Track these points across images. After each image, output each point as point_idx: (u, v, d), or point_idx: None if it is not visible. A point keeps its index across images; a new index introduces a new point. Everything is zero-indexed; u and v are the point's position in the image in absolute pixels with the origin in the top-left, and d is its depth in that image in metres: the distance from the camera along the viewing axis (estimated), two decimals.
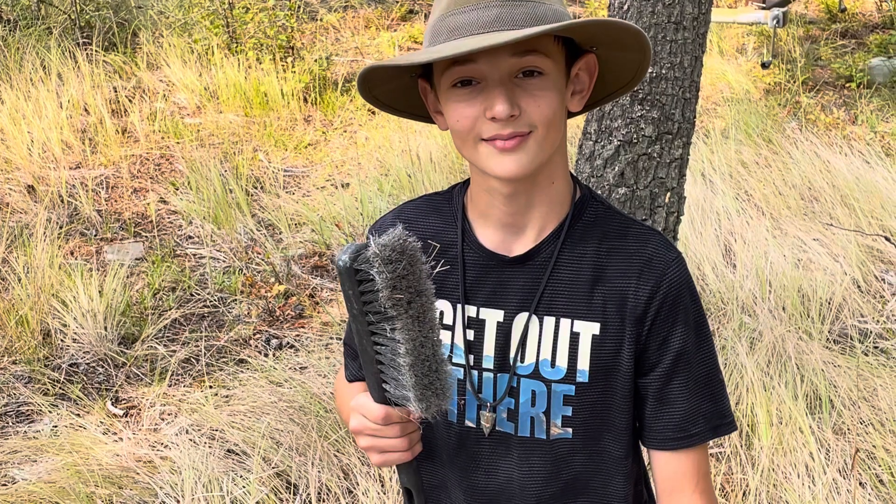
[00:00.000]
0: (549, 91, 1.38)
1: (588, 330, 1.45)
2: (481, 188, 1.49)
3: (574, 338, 1.46)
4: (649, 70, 3.13)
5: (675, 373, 1.47)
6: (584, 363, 1.45)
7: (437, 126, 1.54)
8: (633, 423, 1.52)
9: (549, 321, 1.46)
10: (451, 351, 1.51)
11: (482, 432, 1.52)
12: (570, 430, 1.48)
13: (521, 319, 1.47)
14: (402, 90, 1.52)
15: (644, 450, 1.59)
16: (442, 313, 1.51)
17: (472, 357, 1.50)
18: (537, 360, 1.47)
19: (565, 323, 1.46)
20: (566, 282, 1.47)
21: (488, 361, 1.49)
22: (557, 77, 1.39)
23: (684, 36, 3.14)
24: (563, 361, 1.46)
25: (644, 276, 1.44)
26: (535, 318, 1.47)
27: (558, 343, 1.46)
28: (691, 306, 1.47)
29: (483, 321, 1.50)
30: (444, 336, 1.50)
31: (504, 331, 1.48)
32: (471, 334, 1.50)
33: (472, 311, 1.50)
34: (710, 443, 3.44)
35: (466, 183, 1.55)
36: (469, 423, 1.52)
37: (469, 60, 1.35)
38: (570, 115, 1.49)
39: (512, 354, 1.48)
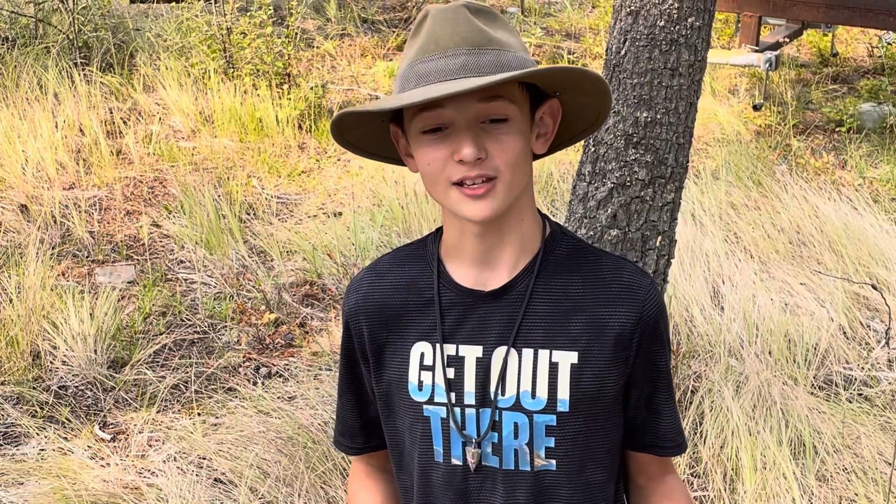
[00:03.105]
0: (514, 136, 1.45)
1: (567, 360, 1.51)
2: (453, 227, 1.55)
3: (553, 368, 1.50)
4: (644, 115, 3.17)
5: (659, 387, 1.58)
6: (564, 393, 1.50)
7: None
8: (614, 447, 1.60)
9: (528, 353, 1.51)
10: (433, 391, 1.55)
11: (469, 469, 1.55)
12: (553, 461, 1.52)
13: (499, 353, 1.52)
14: (373, 134, 1.59)
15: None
16: (423, 355, 1.56)
17: (453, 395, 1.54)
18: (518, 391, 1.51)
19: (544, 354, 1.51)
20: (543, 314, 1.52)
21: (469, 397, 1.53)
22: (522, 122, 1.47)
23: (679, 82, 3.19)
24: (543, 392, 1.51)
25: (627, 303, 1.52)
26: (513, 351, 1.51)
27: (538, 374, 1.51)
28: (666, 325, 1.58)
29: (462, 358, 1.54)
30: (426, 377, 1.55)
31: (483, 366, 1.52)
32: (451, 372, 1.54)
33: (451, 349, 1.54)
34: (694, 485, 3.47)
35: (439, 231, 1.61)
36: (455, 461, 1.56)
37: (437, 106, 1.42)
38: (536, 156, 1.56)
39: (492, 388, 1.52)
